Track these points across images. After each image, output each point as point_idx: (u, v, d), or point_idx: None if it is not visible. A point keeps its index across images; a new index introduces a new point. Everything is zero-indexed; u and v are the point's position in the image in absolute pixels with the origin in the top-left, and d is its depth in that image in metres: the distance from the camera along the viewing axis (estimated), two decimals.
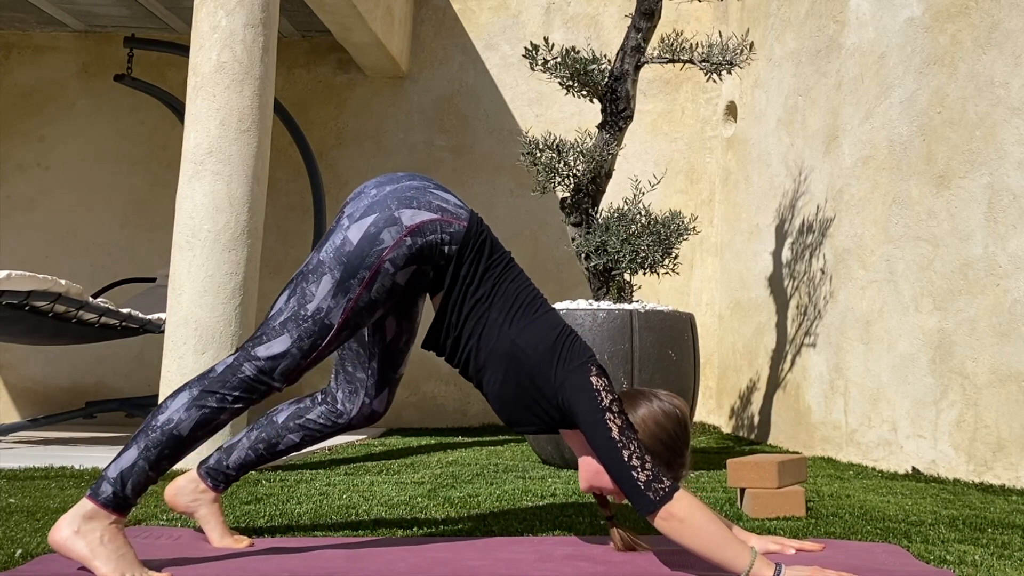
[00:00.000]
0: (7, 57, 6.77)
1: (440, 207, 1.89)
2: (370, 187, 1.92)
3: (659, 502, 1.72)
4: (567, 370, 1.86)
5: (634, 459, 1.75)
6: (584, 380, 1.84)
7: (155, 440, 1.79)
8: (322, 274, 1.83)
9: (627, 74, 4.10)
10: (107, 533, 1.74)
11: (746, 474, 2.66)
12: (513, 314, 1.91)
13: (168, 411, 1.81)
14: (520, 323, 1.91)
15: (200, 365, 3.43)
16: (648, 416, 1.91)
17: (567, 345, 1.90)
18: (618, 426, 1.79)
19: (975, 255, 3.49)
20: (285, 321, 1.83)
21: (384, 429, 6.09)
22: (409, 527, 2.39)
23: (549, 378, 1.88)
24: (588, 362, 1.87)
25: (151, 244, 6.48)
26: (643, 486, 1.73)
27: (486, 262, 1.92)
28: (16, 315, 4.17)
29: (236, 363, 1.84)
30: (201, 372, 1.88)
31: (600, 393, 1.82)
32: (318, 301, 1.82)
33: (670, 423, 1.92)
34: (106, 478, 1.77)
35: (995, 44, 3.48)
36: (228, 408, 1.83)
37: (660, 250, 3.96)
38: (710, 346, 6.25)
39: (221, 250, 3.52)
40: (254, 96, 3.62)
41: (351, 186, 6.55)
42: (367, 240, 1.83)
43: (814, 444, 4.53)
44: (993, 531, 2.40)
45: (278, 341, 1.83)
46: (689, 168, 6.51)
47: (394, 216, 1.84)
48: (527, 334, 1.90)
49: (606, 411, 1.80)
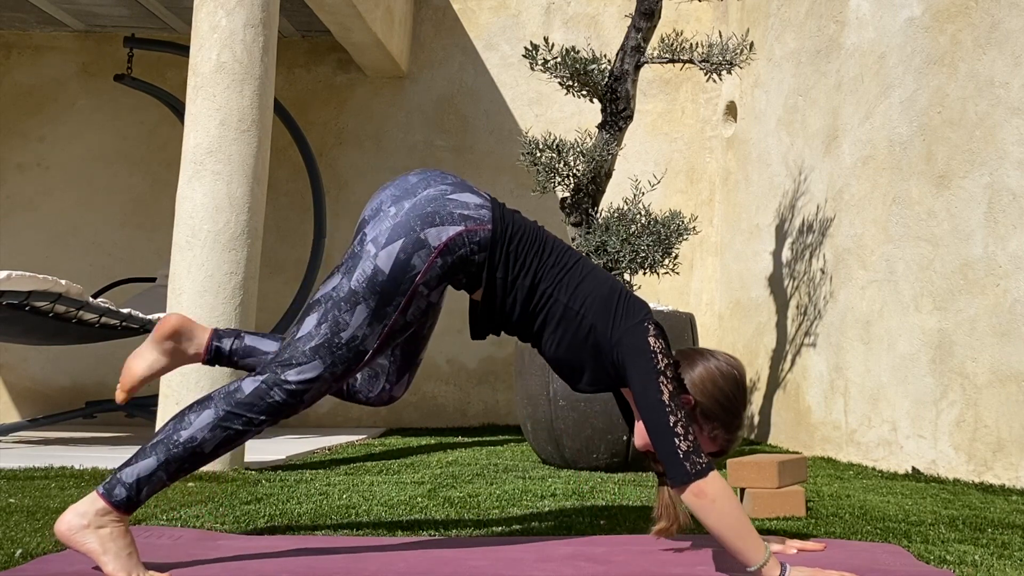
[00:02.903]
0: (7, 57, 6.77)
1: (462, 216, 1.85)
2: (387, 203, 1.86)
3: (695, 475, 1.70)
4: (624, 328, 1.84)
5: (679, 427, 1.73)
6: (642, 340, 1.81)
7: (176, 455, 1.79)
8: (356, 303, 1.81)
9: (627, 74, 4.10)
10: (116, 531, 1.76)
11: (746, 474, 2.66)
12: (559, 280, 1.88)
13: (192, 428, 1.80)
14: (570, 287, 1.88)
15: (200, 365, 3.42)
16: (706, 375, 1.88)
17: (623, 301, 1.87)
18: (669, 391, 1.76)
19: (975, 255, 3.49)
20: (317, 347, 1.82)
21: (384, 429, 6.09)
22: (409, 527, 2.39)
23: (606, 335, 1.85)
24: (645, 320, 1.84)
25: (151, 244, 6.48)
26: (682, 455, 1.72)
27: (518, 250, 1.88)
28: (16, 315, 4.17)
29: (265, 387, 1.82)
30: (227, 388, 1.83)
31: (656, 355, 1.79)
32: (353, 330, 1.82)
33: (728, 384, 1.89)
34: (121, 482, 1.77)
35: (995, 44, 3.48)
36: (253, 430, 1.84)
37: (660, 250, 3.96)
38: (710, 346, 6.25)
39: (221, 250, 3.51)
40: (254, 96, 3.62)
41: (351, 186, 6.55)
42: (399, 268, 1.82)
43: (814, 444, 4.53)
44: (993, 531, 2.40)
45: (310, 367, 1.82)
46: (689, 168, 6.51)
47: (420, 238, 1.82)
48: (579, 294, 1.87)
49: (660, 374, 1.78)
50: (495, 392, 6.45)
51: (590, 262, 1.95)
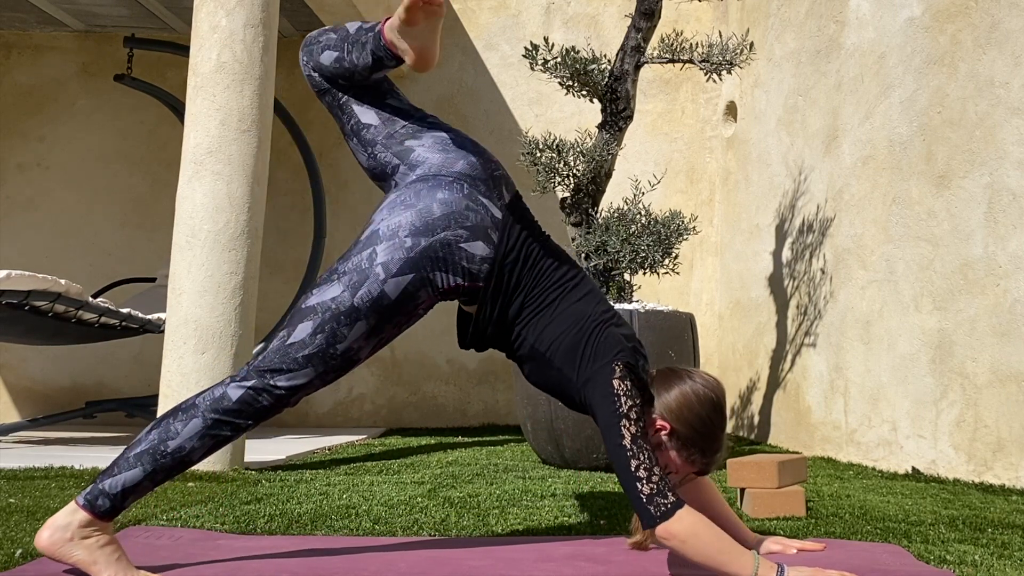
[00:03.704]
0: (7, 57, 6.77)
1: (467, 271, 1.87)
2: (404, 231, 1.85)
3: (659, 518, 1.70)
4: (589, 372, 1.85)
5: (641, 470, 1.73)
6: (605, 384, 1.81)
7: (164, 465, 1.79)
8: (356, 319, 1.83)
9: (627, 74, 4.10)
10: (102, 538, 1.75)
11: (746, 474, 2.66)
12: (530, 321, 1.91)
13: (180, 438, 1.79)
14: (538, 327, 1.90)
15: (200, 365, 3.43)
16: (682, 400, 1.87)
17: (590, 344, 1.87)
18: (631, 434, 1.76)
19: (975, 255, 3.49)
20: (310, 356, 1.83)
21: (384, 429, 6.09)
22: (409, 527, 2.39)
23: (571, 378, 1.88)
24: (613, 361, 1.83)
25: (151, 244, 6.48)
26: (645, 499, 1.71)
27: (507, 287, 1.91)
28: (16, 315, 4.17)
29: (253, 393, 1.82)
30: (212, 395, 1.83)
31: (619, 398, 1.79)
32: (350, 342, 1.84)
33: (704, 408, 1.88)
34: (105, 493, 1.75)
35: (995, 44, 3.48)
36: (241, 432, 1.86)
37: (660, 250, 3.95)
38: (710, 346, 6.25)
39: (221, 250, 3.51)
40: (254, 96, 3.62)
41: (351, 186, 6.55)
42: (405, 298, 1.86)
43: (814, 444, 4.53)
44: (993, 531, 2.40)
45: (302, 374, 1.83)
46: (689, 168, 6.51)
47: (429, 278, 1.86)
48: (546, 337, 1.89)
49: (623, 417, 1.77)
50: (495, 392, 6.45)
51: (575, 294, 1.93)
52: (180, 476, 3.20)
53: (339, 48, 1.93)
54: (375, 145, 1.97)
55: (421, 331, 6.36)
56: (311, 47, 1.98)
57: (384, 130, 1.98)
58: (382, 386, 6.49)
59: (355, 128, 1.99)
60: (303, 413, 6.46)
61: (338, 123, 2.03)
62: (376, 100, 2.00)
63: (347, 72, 1.94)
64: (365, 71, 1.93)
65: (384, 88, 2.02)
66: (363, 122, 1.98)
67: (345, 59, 1.93)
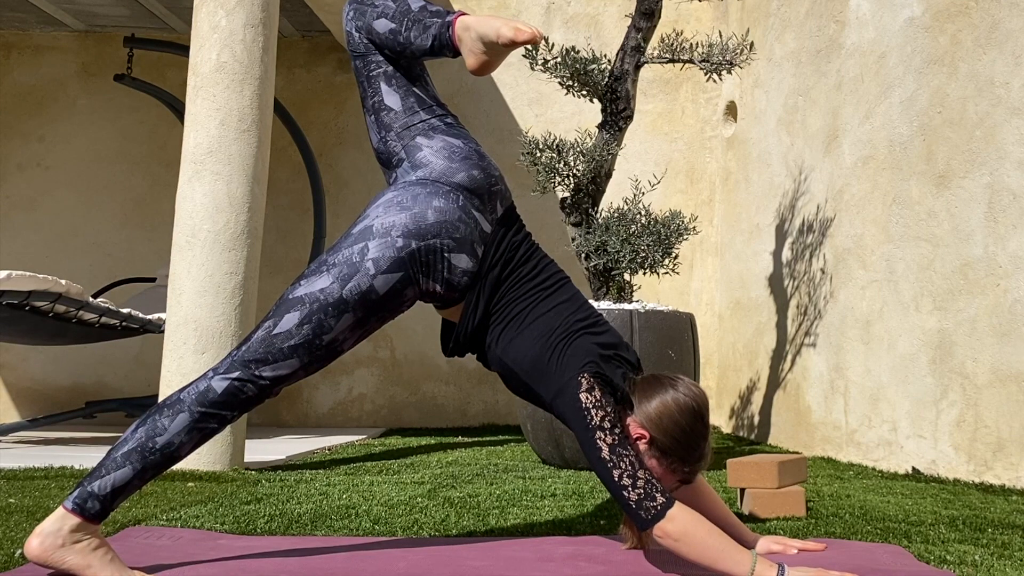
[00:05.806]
0: (7, 57, 6.77)
1: (448, 282, 1.90)
2: (397, 231, 1.86)
3: (651, 520, 1.70)
4: (557, 386, 1.85)
5: (624, 478, 1.73)
6: (573, 399, 1.81)
7: (153, 462, 1.79)
8: (343, 312, 1.85)
9: (627, 74, 4.10)
10: (93, 541, 1.75)
11: (746, 474, 2.66)
12: (500, 335, 1.93)
13: (168, 434, 1.79)
14: (503, 341, 1.92)
15: (200, 365, 3.43)
16: (663, 410, 1.85)
17: (555, 357, 1.86)
18: (608, 444, 1.75)
19: (975, 255, 3.49)
20: (296, 347, 1.84)
21: (384, 429, 6.09)
22: (409, 527, 2.39)
23: (540, 395, 1.90)
24: (579, 375, 1.82)
25: (151, 244, 6.48)
26: (634, 505, 1.72)
27: (487, 300, 1.94)
28: (16, 315, 4.17)
29: (239, 385, 1.83)
30: (196, 389, 1.83)
31: (589, 411, 1.78)
32: (335, 334, 1.86)
33: (685, 417, 1.85)
34: (94, 495, 1.75)
35: (995, 44, 3.48)
36: (227, 423, 1.87)
37: (660, 250, 3.95)
38: (710, 346, 6.25)
39: (221, 250, 3.51)
40: (254, 96, 3.62)
41: (351, 186, 6.55)
42: (392, 294, 1.88)
43: (814, 444, 4.53)
44: (993, 531, 2.40)
45: (287, 364, 1.85)
46: (689, 168, 6.51)
47: (415, 278, 1.89)
48: (512, 350, 1.91)
49: (596, 430, 1.77)
50: (495, 392, 6.45)
51: (546, 304, 1.93)
52: (180, 477, 3.20)
53: (397, 21, 1.91)
54: (390, 131, 1.98)
55: (421, 331, 6.36)
56: (364, 7, 1.96)
57: (402, 119, 1.97)
58: (382, 386, 6.49)
59: (376, 106, 1.98)
60: (303, 413, 6.46)
61: (360, 92, 2.03)
62: (405, 82, 1.99)
63: (399, 47, 1.93)
64: (418, 52, 1.92)
65: (416, 72, 2.01)
66: (386, 103, 1.98)
67: (401, 33, 1.91)
